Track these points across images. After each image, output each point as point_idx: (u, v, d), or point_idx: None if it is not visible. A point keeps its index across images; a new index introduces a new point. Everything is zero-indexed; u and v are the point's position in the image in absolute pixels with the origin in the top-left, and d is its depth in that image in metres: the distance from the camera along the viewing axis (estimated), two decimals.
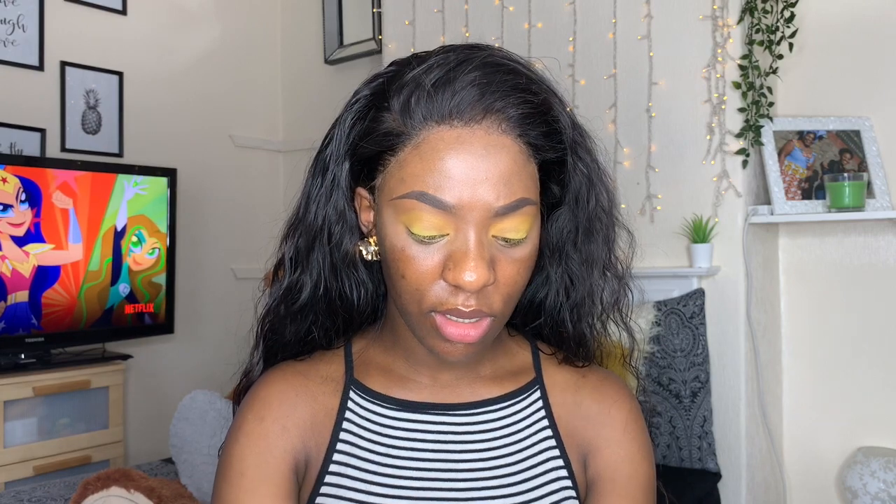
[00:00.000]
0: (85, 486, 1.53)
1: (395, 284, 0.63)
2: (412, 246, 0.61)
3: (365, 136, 0.64)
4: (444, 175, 0.59)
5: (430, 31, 2.67)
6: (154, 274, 2.73)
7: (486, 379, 0.73)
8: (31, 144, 2.66)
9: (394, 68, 0.65)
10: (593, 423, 0.72)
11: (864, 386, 2.16)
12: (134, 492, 1.54)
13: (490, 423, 0.71)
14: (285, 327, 0.72)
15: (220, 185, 3.25)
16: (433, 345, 0.64)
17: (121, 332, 2.68)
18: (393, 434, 0.69)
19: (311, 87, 3.42)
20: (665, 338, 2.06)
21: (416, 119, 0.61)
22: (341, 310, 0.72)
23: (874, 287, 2.16)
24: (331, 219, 0.68)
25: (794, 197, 2.11)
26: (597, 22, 2.33)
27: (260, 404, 0.69)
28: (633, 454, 0.72)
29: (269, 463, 0.66)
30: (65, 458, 2.43)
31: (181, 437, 1.78)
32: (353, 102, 0.66)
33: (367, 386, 0.71)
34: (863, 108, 2.16)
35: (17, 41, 2.65)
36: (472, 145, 0.60)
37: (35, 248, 2.43)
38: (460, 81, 0.60)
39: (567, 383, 0.74)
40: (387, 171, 0.63)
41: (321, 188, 0.68)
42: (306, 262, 0.70)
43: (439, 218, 0.60)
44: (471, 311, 0.61)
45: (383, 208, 0.63)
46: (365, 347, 0.74)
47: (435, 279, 0.61)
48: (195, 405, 1.79)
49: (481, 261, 0.60)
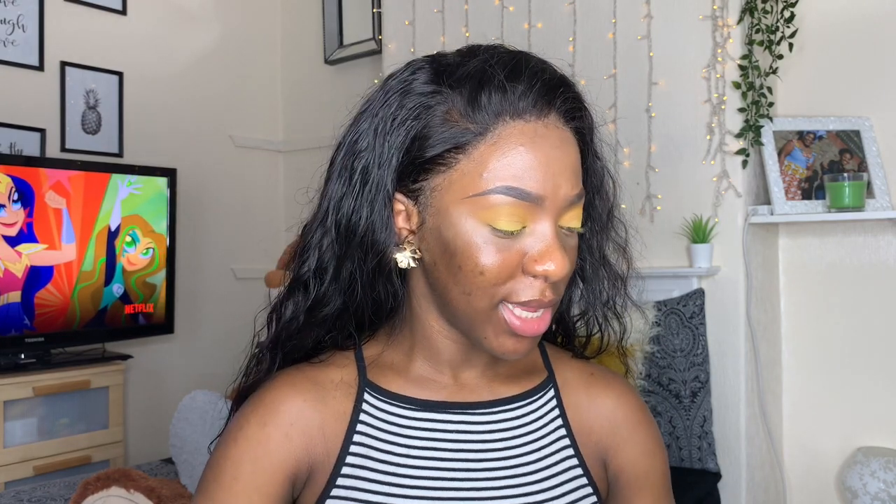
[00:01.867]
0: (85, 486, 1.53)
1: (467, 282, 0.62)
2: (494, 241, 0.61)
3: (424, 136, 0.62)
4: (527, 168, 0.60)
5: (430, 31, 2.67)
6: (148, 274, 2.73)
7: (503, 377, 0.73)
8: (30, 144, 2.66)
9: (432, 66, 0.65)
10: (608, 422, 0.74)
11: (864, 386, 2.16)
12: (134, 492, 1.54)
13: (508, 423, 0.71)
14: (306, 336, 0.71)
15: (220, 185, 3.25)
16: (497, 343, 0.64)
17: (121, 332, 2.68)
18: (411, 434, 0.69)
19: (311, 87, 3.42)
20: (665, 338, 2.06)
21: (489, 115, 0.61)
22: (371, 318, 0.71)
23: (874, 287, 2.16)
24: (374, 227, 0.66)
25: (794, 197, 2.11)
26: (597, 22, 2.33)
27: (264, 409, 0.68)
28: (650, 448, 0.75)
29: (265, 470, 0.65)
30: (65, 458, 2.43)
31: (181, 437, 1.78)
32: (396, 101, 0.64)
33: (383, 387, 0.70)
34: (863, 108, 2.16)
35: (17, 41, 2.65)
36: (548, 138, 0.62)
37: (27, 248, 2.42)
38: (527, 76, 0.62)
39: (578, 382, 0.75)
40: (453, 170, 0.62)
41: (360, 194, 0.66)
42: (337, 272, 0.68)
43: (524, 210, 0.61)
44: (549, 300, 0.63)
45: (449, 208, 0.62)
46: (378, 350, 0.72)
47: (513, 273, 0.62)
48: (195, 405, 1.79)
49: (562, 250, 0.62)
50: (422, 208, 0.64)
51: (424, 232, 0.65)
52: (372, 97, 0.68)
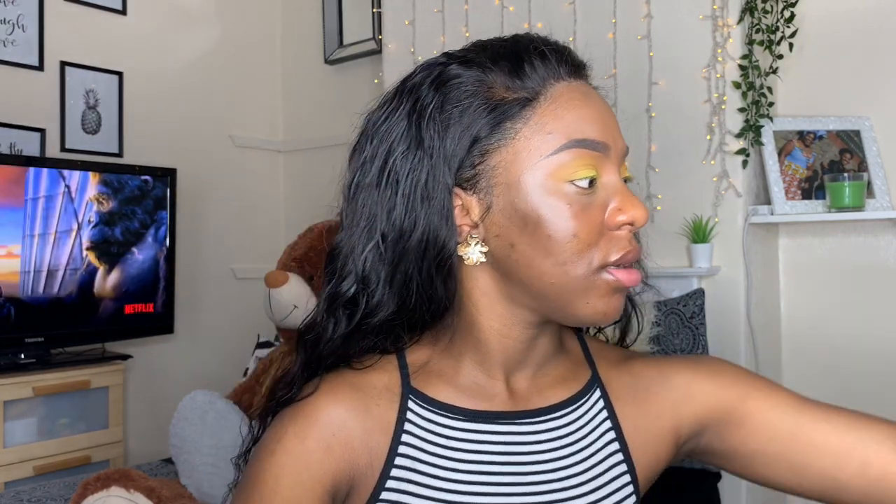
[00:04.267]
0: (85, 486, 1.53)
1: (560, 250, 0.61)
2: (577, 200, 0.61)
3: (476, 118, 0.62)
4: (589, 120, 0.62)
5: (430, 31, 2.67)
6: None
7: (552, 380, 0.71)
8: (31, 144, 2.66)
9: (452, 58, 0.65)
10: (665, 396, 0.71)
11: (864, 386, 2.16)
12: (134, 492, 1.54)
13: (557, 431, 0.68)
14: (352, 347, 0.68)
15: (220, 185, 3.25)
16: (603, 305, 0.63)
17: (121, 332, 2.68)
18: (458, 446, 0.66)
19: (311, 87, 3.42)
20: (665, 338, 2.06)
21: (536, 80, 0.63)
22: (426, 320, 0.67)
23: (874, 287, 2.16)
24: (433, 228, 0.63)
25: (794, 197, 2.11)
26: (597, 22, 2.33)
27: (305, 421, 0.64)
28: (708, 373, 0.72)
29: (304, 485, 0.62)
30: (65, 458, 2.43)
31: (181, 437, 1.77)
32: (431, 95, 0.63)
33: (430, 396, 0.67)
34: (863, 108, 2.16)
35: (17, 41, 2.65)
36: (595, 96, 0.65)
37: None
38: (554, 47, 0.65)
39: (621, 374, 0.73)
40: (514, 141, 0.62)
41: (411, 199, 0.63)
42: (390, 277, 0.65)
43: (595, 160, 0.62)
44: (638, 250, 0.64)
45: (521, 179, 0.61)
46: (423, 355, 0.69)
47: (601, 230, 0.62)
48: (195, 405, 1.79)
49: (637, 197, 0.63)
50: (484, 194, 0.63)
51: (492, 217, 0.63)
52: (388, 103, 0.67)
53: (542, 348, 0.69)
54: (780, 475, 0.68)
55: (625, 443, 0.70)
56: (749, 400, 0.69)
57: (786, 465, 0.68)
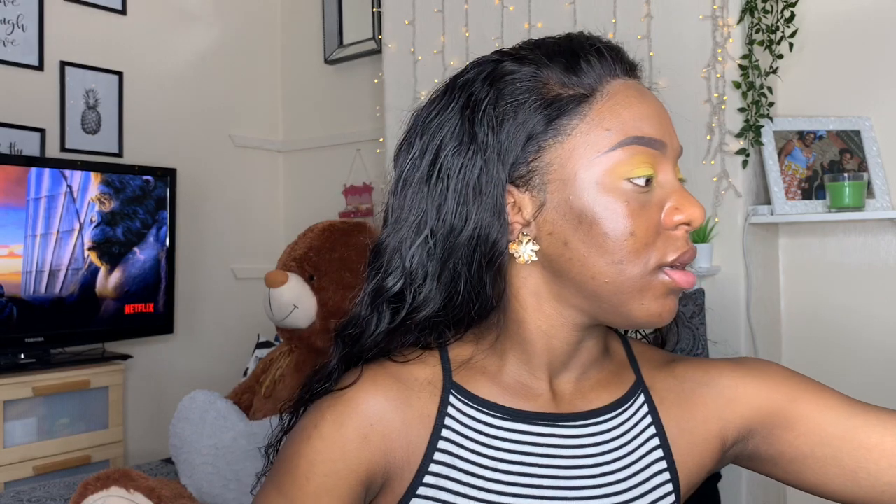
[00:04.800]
0: (85, 486, 1.53)
1: (617, 249, 0.60)
2: (634, 198, 0.60)
3: (532, 114, 0.61)
4: (646, 117, 0.62)
5: (430, 31, 2.67)
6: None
7: (596, 384, 0.69)
8: (30, 144, 2.66)
9: (504, 55, 0.65)
10: (711, 399, 0.70)
11: (864, 386, 2.16)
12: (134, 492, 1.54)
13: (600, 436, 0.67)
14: (395, 340, 0.67)
15: (220, 185, 3.25)
16: (657, 307, 0.62)
17: (121, 332, 2.68)
18: (499, 445, 0.65)
19: (311, 87, 3.42)
20: None
21: (592, 77, 0.62)
22: (473, 320, 0.66)
23: (874, 287, 2.16)
24: (484, 225, 0.62)
25: (794, 197, 2.11)
26: (597, 22, 2.33)
27: (344, 408, 0.63)
28: (755, 375, 0.70)
29: (338, 473, 0.62)
30: (65, 458, 2.43)
31: (181, 437, 1.77)
32: (486, 91, 0.63)
33: (472, 392, 0.66)
34: (863, 108, 2.16)
35: (17, 41, 2.65)
36: (650, 94, 0.65)
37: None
38: (607, 45, 0.64)
39: (665, 377, 0.72)
40: (570, 137, 0.61)
41: (463, 196, 0.62)
42: (438, 273, 0.64)
43: (652, 158, 0.61)
44: (694, 250, 0.62)
45: (577, 175, 0.61)
46: (466, 351, 0.68)
47: (658, 229, 0.61)
48: (195, 405, 1.79)
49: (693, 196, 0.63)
50: (537, 191, 0.62)
51: (546, 214, 0.62)
52: (438, 100, 0.66)
53: (587, 351, 0.68)
54: (831, 480, 0.66)
55: (668, 449, 0.69)
56: (798, 402, 0.68)
57: (837, 470, 0.65)
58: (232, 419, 1.78)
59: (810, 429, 0.66)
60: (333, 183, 3.20)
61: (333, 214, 3.09)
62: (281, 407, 0.71)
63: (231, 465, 1.72)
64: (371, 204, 3.07)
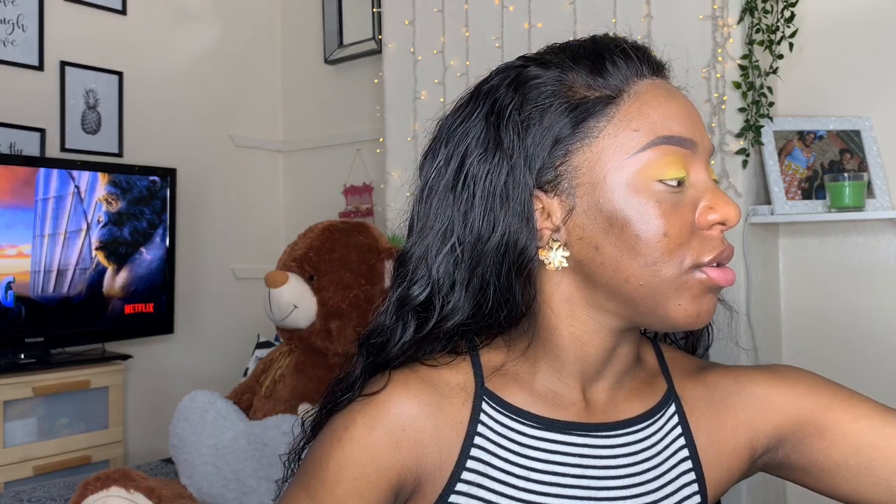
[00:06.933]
0: (85, 486, 1.53)
1: (650, 251, 0.59)
2: (666, 198, 0.59)
3: (558, 118, 0.61)
4: (675, 116, 0.61)
5: (430, 30, 2.67)
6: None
7: (629, 393, 0.69)
8: (30, 144, 2.66)
9: (529, 60, 0.64)
10: (742, 408, 0.69)
11: (864, 386, 2.15)
12: (134, 492, 1.54)
13: (631, 447, 0.66)
14: (422, 349, 0.66)
15: (220, 185, 3.25)
16: (696, 307, 0.60)
17: (120, 332, 2.68)
18: (532, 454, 0.64)
19: (311, 87, 3.42)
20: None
21: (619, 78, 0.61)
22: (503, 327, 0.65)
23: (874, 287, 2.16)
24: (512, 231, 0.61)
25: (794, 197, 2.11)
26: (597, 22, 2.32)
27: (375, 410, 0.62)
28: (787, 382, 0.69)
29: (368, 477, 0.61)
30: (65, 458, 2.43)
31: (181, 437, 1.77)
32: (510, 96, 0.62)
33: (505, 399, 0.65)
34: (863, 108, 2.16)
35: (17, 41, 2.65)
36: (678, 93, 0.64)
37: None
38: (632, 46, 0.63)
39: (696, 385, 0.71)
40: (598, 139, 0.60)
41: (489, 203, 0.61)
42: (467, 281, 0.63)
43: (683, 158, 0.60)
44: (731, 248, 0.61)
45: (606, 177, 0.60)
46: (498, 358, 0.67)
47: (693, 229, 0.60)
48: (195, 405, 1.79)
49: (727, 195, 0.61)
50: (566, 195, 0.61)
51: (575, 219, 0.61)
52: (463, 107, 0.65)
53: (621, 359, 0.67)
54: (865, 490, 0.65)
55: (697, 459, 0.68)
56: (831, 410, 0.67)
57: (871, 479, 0.64)
58: (232, 419, 1.78)
59: (843, 437, 0.65)
60: (333, 183, 3.20)
61: (333, 214, 3.09)
62: (304, 416, 0.70)
63: (231, 465, 1.72)
64: (371, 204, 3.06)
